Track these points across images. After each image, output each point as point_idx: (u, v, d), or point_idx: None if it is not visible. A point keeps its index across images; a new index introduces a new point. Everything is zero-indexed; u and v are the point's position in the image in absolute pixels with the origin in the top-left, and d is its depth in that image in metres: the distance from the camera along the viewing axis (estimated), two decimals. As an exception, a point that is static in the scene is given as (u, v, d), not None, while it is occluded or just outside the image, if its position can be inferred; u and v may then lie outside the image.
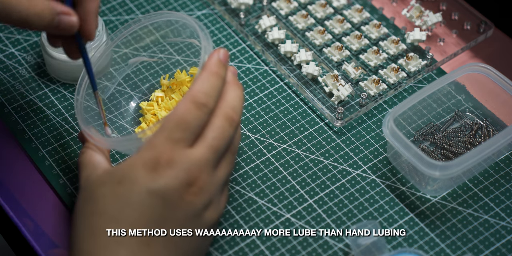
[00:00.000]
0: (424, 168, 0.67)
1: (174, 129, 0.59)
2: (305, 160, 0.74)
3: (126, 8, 0.85)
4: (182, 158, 0.59)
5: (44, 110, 0.77)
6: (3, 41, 0.82)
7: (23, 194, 0.72)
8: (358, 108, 0.76)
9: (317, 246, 0.68)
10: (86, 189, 0.62)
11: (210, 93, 0.60)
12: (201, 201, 0.60)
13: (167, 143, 0.59)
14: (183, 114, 0.59)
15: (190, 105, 0.59)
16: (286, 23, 0.83)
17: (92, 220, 0.59)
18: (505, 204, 0.71)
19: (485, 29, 0.82)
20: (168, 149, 0.59)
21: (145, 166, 0.58)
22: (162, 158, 0.58)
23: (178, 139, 0.59)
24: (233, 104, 0.62)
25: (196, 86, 0.60)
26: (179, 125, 0.59)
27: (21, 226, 0.70)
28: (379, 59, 0.79)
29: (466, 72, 0.73)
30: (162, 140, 0.59)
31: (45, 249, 0.69)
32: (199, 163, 0.59)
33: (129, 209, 0.58)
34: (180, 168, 0.58)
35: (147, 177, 0.58)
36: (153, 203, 0.58)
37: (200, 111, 0.59)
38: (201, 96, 0.60)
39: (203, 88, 0.60)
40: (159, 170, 0.58)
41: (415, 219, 0.70)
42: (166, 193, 0.58)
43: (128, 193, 0.58)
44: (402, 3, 0.85)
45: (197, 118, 0.59)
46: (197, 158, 0.59)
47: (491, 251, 0.68)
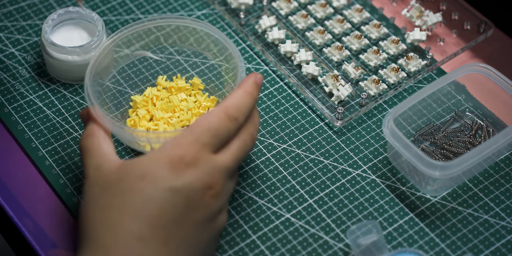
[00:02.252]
0: (424, 168, 0.67)
1: (204, 133, 0.61)
2: (305, 160, 0.74)
3: (126, 8, 0.85)
4: (207, 160, 0.60)
5: (44, 110, 0.77)
6: (3, 41, 0.82)
7: (23, 194, 0.72)
8: (358, 108, 0.76)
9: (317, 246, 0.68)
10: (99, 180, 0.61)
11: (242, 110, 0.63)
12: (217, 205, 0.61)
13: (195, 145, 0.60)
14: (215, 122, 0.61)
15: (223, 116, 0.62)
16: (286, 23, 0.83)
17: (111, 214, 0.59)
18: (505, 204, 0.71)
19: (485, 29, 0.82)
20: (195, 150, 0.60)
21: (170, 164, 0.59)
22: (188, 157, 0.59)
23: (206, 143, 0.60)
24: (257, 125, 0.65)
25: (231, 100, 0.63)
26: (210, 131, 0.61)
27: (21, 226, 0.70)
28: (379, 59, 0.79)
29: (466, 72, 0.73)
30: (190, 141, 0.60)
31: (45, 249, 0.69)
32: (221, 169, 0.61)
33: (151, 205, 0.58)
34: (204, 170, 0.60)
35: (171, 175, 0.59)
36: (176, 201, 0.59)
37: (231, 123, 0.62)
38: (234, 110, 0.62)
39: (237, 104, 0.63)
40: (184, 168, 0.59)
41: (415, 219, 0.70)
42: (189, 192, 0.59)
43: (151, 189, 0.59)
44: (402, 3, 0.85)
45: (227, 128, 0.62)
46: (220, 164, 0.61)
47: (491, 251, 0.68)
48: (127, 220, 0.58)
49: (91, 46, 0.75)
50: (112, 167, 0.62)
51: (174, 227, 0.59)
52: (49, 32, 0.76)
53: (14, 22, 0.84)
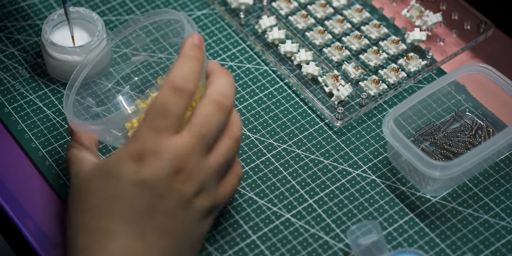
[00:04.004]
0: (424, 168, 0.67)
1: (155, 118, 0.58)
2: (305, 160, 0.74)
3: (126, 8, 0.85)
4: (167, 146, 0.58)
5: (44, 110, 0.77)
6: (3, 41, 0.82)
7: (23, 194, 0.72)
8: (358, 108, 0.76)
9: (317, 246, 0.68)
10: (76, 185, 0.62)
11: (188, 77, 0.59)
12: (190, 189, 0.59)
13: (150, 133, 0.58)
14: (162, 101, 0.58)
15: (168, 92, 0.58)
16: (286, 23, 0.83)
17: (85, 217, 0.59)
18: (505, 204, 0.71)
19: (485, 29, 0.82)
20: (152, 139, 0.58)
21: (130, 158, 0.58)
22: (146, 148, 0.58)
23: (161, 128, 0.58)
24: (222, 89, 0.61)
25: (173, 72, 0.59)
26: (160, 113, 0.58)
27: (21, 226, 0.70)
28: (379, 59, 0.79)
29: (466, 72, 0.73)
30: (145, 130, 0.58)
31: (45, 249, 0.69)
32: (185, 151, 0.58)
33: (118, 202, 0.58)
34: (166, 157, 0.58)
35: (132, 169, 0.58)
36: (141, 194, 0.58)
37: (179, 96, 0.58)
38: (178, 81, 0.59)
39: (180, 73, 0.59)
40: (145, 160, 0.58)
41: (415, 219, 0.70)
42: (153, 183, 0.58)
43: (115, 186, 0.58)
44: (402, 3, 0.85)
45: (177, 103, 0.58)
46: (182, 146, 0.58)
47: (491, 251, 0.68)
48: (98, 219, 0.58)
49: (91, 46, 0.75)
50: (86, 171, 0.62)
51: (145, 219, 0.58)
52: (49, 32, 0.76)
53: (14, 22, 0.84)
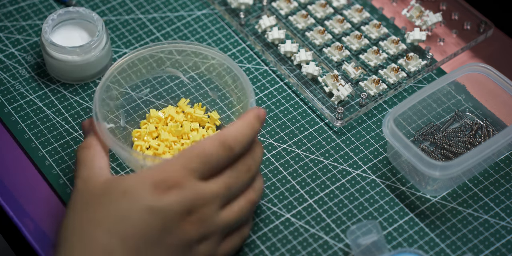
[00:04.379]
0: (424, 168, 0.67)
1: (193, 159, 0.59)
2: (305, 160, 0.74)
3: (126, 8, 0.85)
4: (192, 186, 0.59)
5: (44, 110, 0.77)
6: (3, 41, 0.82)
7: (23, 194, 0.72)
8: (358, 108, 0.76)
9: (317, 246, 0.68)
10: (84, 193, 0.61)
11: (240, 140, 0.61)
12: (196, 233, 0.59)
13: (181, 169, 0.59)
14: (207, 148, 0.60)
15: (217, 143, 0.60)
16: (286, 23, 0.83)
17: (88, 228, 0.58)
18: (505, 204, 0.71)
19: (485, 29, 0.82)
20: (180, 174, 0.59)
21: (153, 185, 0.58)
22: (172, 180, 0.58)
23: (193, 169, 0.59)
24: (256, 156, 0.63)
25: (229, 129, 0.61)
26: (200, 158, 0.59)
27: (21, 226, 0.70)
28: (379, 59, 0.79)
29: (466, 72, 0.73)
30: (177, 166, 0.59)
31: (45, 249, 0.69)
32: (206, 196, 0.59)
33: (127, 223, 0.58)
34: (187, 195, 0.59)
35: (152, 195, 0.58)
36: (152, 222, 0.58)
37: (224, 152, 0.60)
38: (230, 140, 0.60)
39: (234, 133, 0.61)
40: (165, 191, 0.58)
41: (415, 219, 0.70)
42: (166, 215, 0.58)
43: (129, 207, 0.58)
44: (402, 3, 0.85)
45: (219, 157, 0.60)
46: (206, 191, 0.59)
47: (491, 251, 0.68)
48: (100, 234, 0.58)
49: (91, 46, 0.75)
50: (99, 181, 0.61)
51: (145, 247, 0.58)
52: (49, 32, 0.76)
53: (14, 22, 0.84)
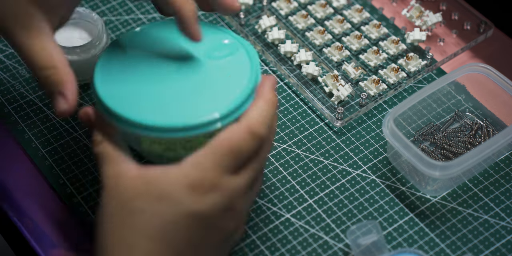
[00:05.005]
0: (424, 168, 0.67)
1: (226, 156, 0.58)
2: (305, 160, 0.74)
3: (126, 8, 0.85)
4: (227, 184, 0.58)
5: (44, 110, 0.77)
6: (3, 41, 0.82)
7: (23, 194, 0.72)
8: (358, 108, 0.76)
9: (317, 246, 0.68)
10: (116, 194, 0.58)
11: (265, 122, 0.60)
12: (234, 225, 0.60)
13: (216, 168, 0.58)
14: (238, 143, 0.58)
15: (247, 136, 0.59)
16: (286, 23, 0.83)
17: (127, 234, 0.57)
18: (505, 204, 0.71)
19: (485, 29, 0.82)
20: (216, 175, 0.58)
21: (189, 187, 0.57)
22: (208, 181, 0.58)
23: (227, 166, 0.58)
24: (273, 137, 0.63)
25: (254, 114, 0.60)
26: (232, 153, 0.58)
27: (21, 226, 0.70)
28: (379, 59, 0.79)
29: (466, 72, 0.73)
30: (211, 164, 0.58)
31: (45, 249, 0.69)
32: (240, 190, 0.59)
33: (168, 229, 0.57)
34: (224, 194, 0.58)
35: (190, 199, 0.57)
36: (194, 225, 0.57)
37: (255, 142, 0.59)
38: (257, 125, 0.59)
39: (261, 118, 0.60)
40: (204, 193, 0.57)
41: (415, 219, 0.70)
42: (208, 217, 0.57)
43: (169, 213, 0.57)
44: (402, 3, 0.85)
45: (250, 148, 0.59)
46: (239, 186, 0.59)
47: (491, 251, 0.68)
48: (142, 241, 0.56)
49: (91, 46, 0.75)
50: (130, 178, 0.59)
51: (190, 250, 0.58)
52: (49, 32, 0.76)
53: (14, 22, 0.84)
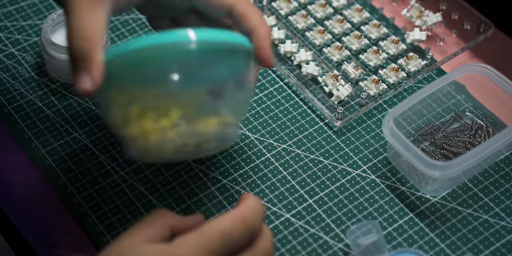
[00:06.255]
0: (424, 168, 0.67)
1: (213, 238, 0.57)
2: (305, 160, 0.74)
3: (126, 8, 0.85)
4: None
5: (44, 110, 0.77)
6: (3, 41, 0.82)
7: (23, 194, 0.72)
8: (358, 108, 0.76)
9: (317, 246, 0.68)
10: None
11: (258, 215, 0.60)
12: None
13: (200, 248, 0.57)
14: (227, 226, 0.58)
15: (237, 221, 0.58)
16: (286, 23, 0.83)
17: None
18: (505, 204, 0.71)
19: (485, 29, 0.82)
20: (201, 254, 0.57)
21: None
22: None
23: (214, 249, 0.57)
24: (270, 240, 0.62)
25: (250, 204, 0.60)
26: (221, 236, 0.58)
27: (21, 226, 0.70)
28: (379, 59, 0.79)
29: (466, 72, 0.73)
30: (197, 243, 0.57)
31: (45, 249, 0.69)
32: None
33: None
34: None
35: None
36: None
37: (245, 229, 0.58)
38: (252, 216, 0.59)
39: (253, 209, 0.60)
40: None
41: (415, 219, 0.70)
42: None
43: None
44: (402, 3, 0.85)
45: (240, 235, 0.58)
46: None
47: (491, 251, 0.68)
48: None
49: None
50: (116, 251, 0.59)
51: None
52: (49, 32, 0.76)
53: (14, 22, 0.84)
